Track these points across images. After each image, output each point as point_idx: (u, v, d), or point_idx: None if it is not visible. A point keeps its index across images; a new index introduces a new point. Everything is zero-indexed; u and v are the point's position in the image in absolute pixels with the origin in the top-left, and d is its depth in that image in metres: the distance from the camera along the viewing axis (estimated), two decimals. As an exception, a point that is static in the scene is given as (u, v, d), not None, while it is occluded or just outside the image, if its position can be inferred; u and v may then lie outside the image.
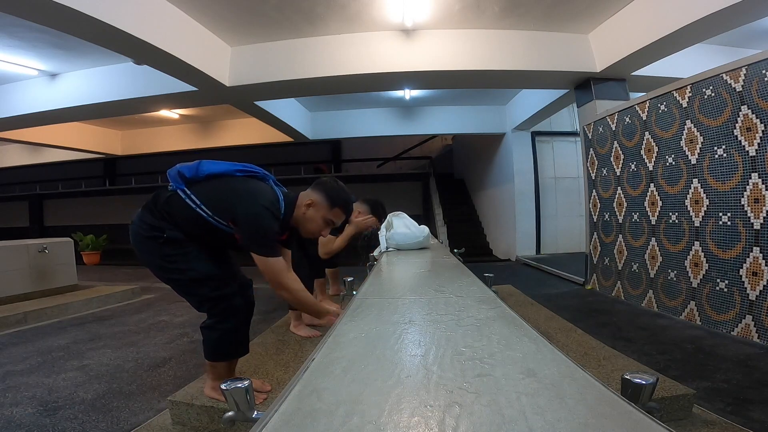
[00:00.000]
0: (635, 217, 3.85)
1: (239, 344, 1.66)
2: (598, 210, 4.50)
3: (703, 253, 3.05)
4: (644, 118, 3.64)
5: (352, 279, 2.05)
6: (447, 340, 0.81)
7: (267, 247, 1.45)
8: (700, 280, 3.08)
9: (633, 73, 4.40)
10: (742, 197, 2.73)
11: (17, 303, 4.14)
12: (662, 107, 3.41)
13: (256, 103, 5.45)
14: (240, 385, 0.81)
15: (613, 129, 4.12)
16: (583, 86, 4.69)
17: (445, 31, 4.33)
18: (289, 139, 7.92)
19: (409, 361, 0.71)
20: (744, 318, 2.71)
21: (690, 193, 3.16)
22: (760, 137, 2.59)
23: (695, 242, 3.12)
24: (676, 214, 3.31)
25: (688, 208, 3.18)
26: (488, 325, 0.91)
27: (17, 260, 4.36)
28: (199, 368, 2.39)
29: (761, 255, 2.60)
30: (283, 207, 1.56)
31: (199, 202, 1.50)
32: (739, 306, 2.76)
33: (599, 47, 4.32)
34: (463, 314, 1.01)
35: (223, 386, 0.82)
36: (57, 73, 5.09)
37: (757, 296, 2.63)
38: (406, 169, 12.18)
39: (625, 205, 3.99)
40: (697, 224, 3.11)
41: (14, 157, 9.97)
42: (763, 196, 2.59)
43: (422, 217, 10.49)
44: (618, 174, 4.09)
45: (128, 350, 2.89)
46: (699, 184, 3.08)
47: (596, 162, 4.50)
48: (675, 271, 3.33)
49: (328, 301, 2.97)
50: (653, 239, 3.60)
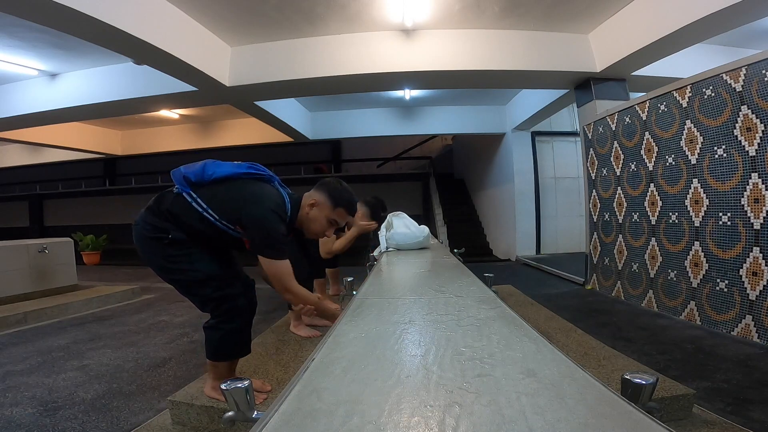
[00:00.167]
0: (635, 217, 3.84)
1: (242, 344, 1.66)
2: (598, 210, 4.50)
3: (703, 253, 3.05)
4: (644, 118, 3.64)
5: (352, 279, 2.06)
6: (447, 340, 0.81)
7: (275, 250, 1.45)
8: (700, 280, 3.07)
9: (633, 73, 4.40)
10: (742, 197, 2.73)
11: (17, 303, 4.14)
12: (662, 107, 3.41)
13: (256, 103, 5.45)
14: (240, 385, 0.81)
15: (613, 129, 4.12)
16: (583, 86, 4.69)
17: (445, 31, 4.33)
18: (289, 139, 7.92)
19: (409, 361, 0.71)
20: (744, 318, 2.71)
21: (690, 193, 3.16)
22: (760, 137, 2.59)
23: (695, 242, 3.12)
24: (676, 214, 3.31)
25: (688, 208, 3.18)
26: (488, 325, 0.91)
27: (17, 260, 4.36)
28: (199, 368, 2.39)
29: (761, 255, 2.60)
30: (289, 209, 1.56)
31: (205, 205, 1.50)
32: (739, 306, 2.76)
33: (599, 47, 4.32)
34: (463, 314, 1.01)
35: (223, 386, 0.82)
36: (57, 73, 5.09)
37: (757, 296, 2.63)
38: (406, 169, 12.18)
39: (625, 205, 3.99)
40: (697, 224, 3.11)
41: (14, 157, 9.98)
42: (763, 196, 2.59)
43: (422, 217, 10.49)
44: (618, 174, 4.09)
45: (128, 350, 2.89)
46: (699, 184, 3.08)
47: (596, 162, 4.50)
48: (675, 271, 3.33)
49: (329, 301, 2.98)
50: (653, 239, 3.60)
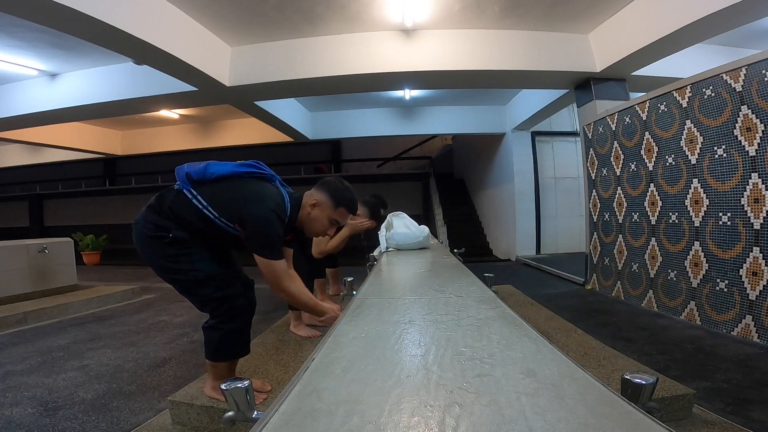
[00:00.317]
0: (635, 217, 3.84)
1: (241, 344, 1.66)
2: (598, 210, 4.50)
3: (703, 253, 3.05)
4: (644, 118, 3.64)
5: (352, 279, 2.06)
6: (447, 340, 0.81)
7: (271, 249, 1.45)
8: (700, 280, 3.07)
9: (633, 73, 4.40)
10: (742, 197, 2.72)
11: (17, 303, 4.14)
12: (662, 107, 3.41)
13: (256, 103, 5.45)
14: (240, 385, 0.81)
15: (613, 129, 4.12)
16: (583, 86, 4.69)
17: (445, 31, 4.33)
18: (289, 139, 7.92)
19: (409, 361, 0.71)
20: (744, 318, 2.71)
21: (690, 193, 3.16)
22: (760, 137, 2.59)
23: (695, 242, 3.12)
24: (676, 214, 3.31)
25: (688, 208, 3.18)
26: (488, 325, 0.91)
27: (17, 260, 4.36)
28: (199, 368, 2.39)
29: (761, 255, 2.60)
30: (289, 208, 1.56)
31: (205, 203, 1.50)
32: (739, 306, 2.76)
33: (599, 47, 4.32)
34: (463, 314, 1.01)
35: (223, 386, 0.82)
36: (57, 73, 5.08)
37: (757, 296, 2.63)
38: (406, 169, 12.17)
39: (625, 205, 3.99)
40: (697, 224, 3.10)
41: (14, 157, 9.97)
42: (763, 196, 2.59)
43: (422, 217, 10.49)
44: (618, 174, 4.09)
45: (128, 350, 2.89)
46: (699, 184, 3.08)
47: (596, 162, 4.50)
48: (675, 271, 3.33)
49: (328, 301, 2.98)
50: (653, 239, 3.60)
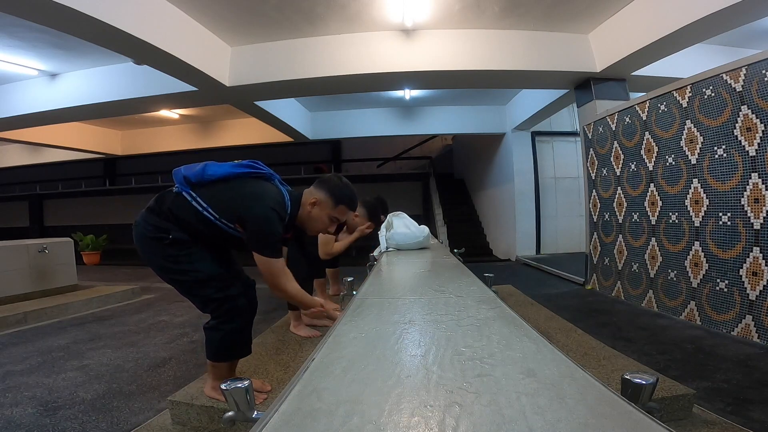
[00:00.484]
0: (635, 217, 3.84)
1: (242, 345, 1.66)
2: (598, 210, 4.50)
3: (703, 253, 3.05)
4: (644, 118, 3.64)
5: (352, 279, 2.06)
6: (447, 340, 0.81)
7: (270, 248, 1.46)
8: (700, 280, 3.07)
9: (633, 73, 4.40)
10: (742, 197, 2.72)
11: (17, 303, 4.14)
12: (662, 107, 3.41)
13: (256, 103, 5.45)
14: (240, 385, 0.81)
15: (613, 129, 4.12)
16: (583, 86, 4.69)
17: (445, 31, 4.33)
18: (289, 139, 7.92)
19: (409, 361, 0.71)
20: (744, 318, 2.71)
21: (690, 193, 3.16)
22: (760, 137, 2.59)
23: (695, 242, 3.12)
24: (676, 214, 3.31)
25: (688, 208, 3.18)
26: (488, 325, 0.91)
27: (17, 260, 4.36)
28: (199, 368, 2.39)
29: (761, 255, 2.60)
30: (289, 206, 1.56)
31: (205, 205, 1.50)
32: (739, 306, 2.76)
33: (599, 47, 4.32)
34: (463, 314, 1.01)
35: (223, 386, 0.82)
36: (57, 73, 5.08)
37: (757, 296, 2.63)
38: (406, 169, 12.17)
39: (625, 205, 3.99)
40: (697, 224, 3.10)
41: (14, 157, 9.97)
42: (763, 196, 2.59)
43: (422, 217, 10.49)
44: (618, 174, 4.09)
45: (128, 350, 2.89)
46: (699, 184, 3.08)
47: (596, 162, 4.49)
48: (675, 271, 3.33)
49: (328, 301, 2.97)
50: (653, 239, 3.60)
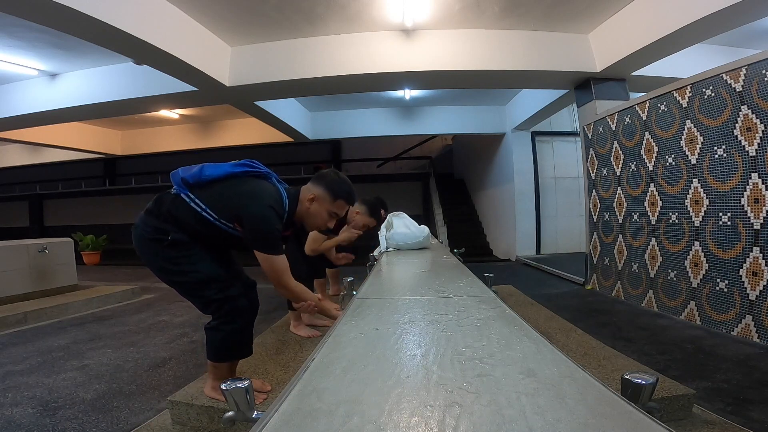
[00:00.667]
0: (635, 217, 3.84)
1: (243, 345, 1.67)
2: (598, 210, 4.50)
3: (703, 253, 3.05)
4: (644, 118, 3.64)
5: (352, 279, 2.06)
6: (447, 340, 0.81)
7: (270, 245, 1.46)
8: (700, 280, 3.07)
9: (633, 73, 4.40)
10: (742, 197, 2.72)
11: (17, 303, 4.14)
12: (662, 107, 3.41)
13: (256, 103, 5.45)
14: (240, 385, 0.81)
15: (613, 129, 4.12)
16: (583, 86, 4.69)
17: (445, 31, 4.33)
18: (289, 139, 7.92)
19: (409, 361, 0.71)
20: (744, 318, 2.71)
21: (690, 193, 3.16)
22: (760, 137, 2.59)
23: (695, 242, 3.12)
24: (676, 214, 3.31)
25: (688, 208, 3.18)
26: (488, 325, 0.91)
27: (17, 260, 4.36)
28: (199, 368, 2.39)
29: (761, 255, 2.60)
30: (287, 203, 1.57)
31: (204, 205, 1.50)
32: (739, 306, 2.76)
33: (599, 47, 4.32)
34: (463, 314, 1.01)
35: (223, 386, 0.82)
36: (57, 73, 5.08)
37: (757, 296, 2.63)
38: (406, 169, 12.17)
39: (625, 205, 3.99)
40: (697, 224, 3.10)
41: (14, 157, 9.97)
42: (763, 196, 2.59)
43: (422, 217, 10.49)
44: (618, 174, 4.09)
45: (128, 350, 2.89)
46: (699, 184, 3.08)
47: (596, 162, 4.49)
48: (675, 271, 3.33)
49: (328, 301, 2.97)
50: (653, 239, 3.60)
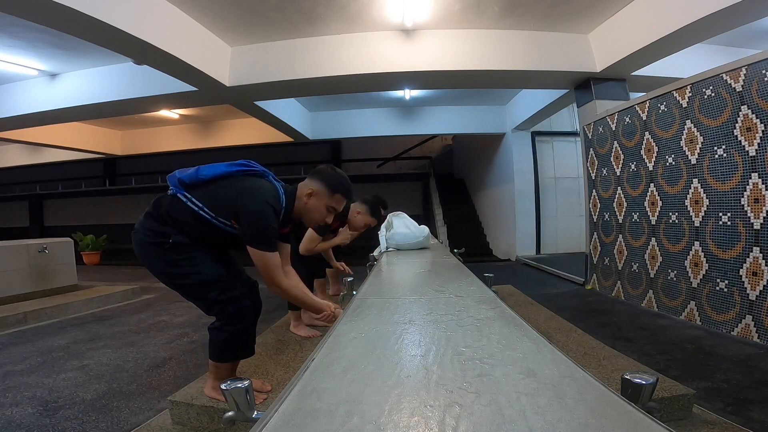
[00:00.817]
0: (635, 217, 3.84)
1: (246, 346, 1.67)
2: (598, 210, 4.50)
3: (703, 253, 3.05)
4: (644, 118, 3.64)
5: (352, 279, 2.06)
6: (447, 340, 0.81)
7: (265, 242, 1.46)
8: (700, 280, 3.07)
9: (633, 73, 4.40)
10: (742, 197, 2.72)
11: (17, 303, 4.14)
12: (662, 107, 3.41)
13: (256, 103, 5.45)
14: (240, 385, 0.81)
15: (613, 129, 4.12)
16: (583, 86, 4.69)
17: (445, 31, 4.33)
18: (289, 139, 7.92)
19: (409, 361, 0.71)
20: (744, 318, 2.71)
21: (690, 193, 3.16)
22: (760, 137, 2.59)
23: (695, 242, 3.12)
24: (676, 214, 3.31)
25: (688, 208, 3.18)
26: (488, 325, 0.91)
27: (17, 260, 4.36)
28: (199, 368, 2.39)
29: (761, 255, 2.60)
30: (284, 200, 1.57)
31: (201, 205, 1.50)
32: (739, 306, 2.75)
33: (599, 47, 4.32)
34: (463, 314, 1.01)
35: (223, 386, 0.82)
36: (57, 73, 5.08)
37: (757, 296, 2.63)
38: (406, 169, 12.17)
39: (625, 205, 3.99)
40: (697, 224, 3.10)
41: (14, 157, 9.97)
42: (763, 196, 2.59)
43: (422, 217, 10.49)
44: (618, 174, 4.09)
45: (128, 350, 2.89)
46: (699, 184, 3.08)
47: (596, 162, 4.49)
48: (675, 271, 3.33)
49: (328, 300, 2.97)
50: (653, 239, 3.60)
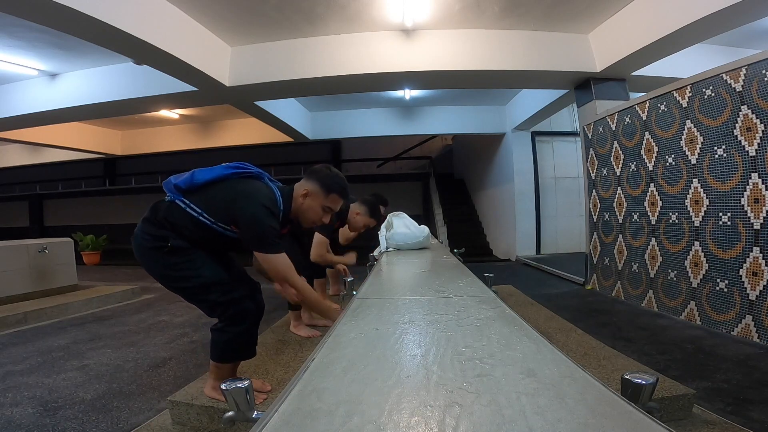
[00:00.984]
0: (635, 217, 3.84)
1: (248, 347, 1.67)
2: (598, 210, 4.50)
3: (703, 253, 3.05)
4: (644, 118, 3.64)
5: (352, 279, 2.07)
6: (447, 340, 0.81)
7: (268, 244, 1.46)
8: (700, 280, 3.07)
9: (633, 73, 4.40)
10: (742, 197, 2.72)
11: (17, 303, 4.14)
12: (662, 107, 3.41)
13: (256, 103, 5.45)
14: (240, 385, 0.81)
15: (613, 129, 4.12)
16: (583, 86, 4.69)
17: (445, 31, 4.33)
18: (289, 139, 7.92)
19: (409, 361, 0.71)
20: (744, 318, 2.71)
21: (690, 193, 3.16)
22: (760, 137, 2.59)
23: (695, 242, 3.12)
24: (676, 214, 3.31)
25: (688, 208, 3.18)
26: (488, 325, 0.91)
27: (17, 260, 4.36)
28: (199, 368, 2.39)
29: (761, 255, 2.60)
30: (281, 202, 1.57)
31: (199, 210, 1.50)
32: (739, 306, 2.75)
33: (599, 47, 4.32)
34: (463, 314, 1.01)
35: (223, 386, 0.82)
36: (57, 73, 5.08)
37: (757, 296, 2.63)
38: (406, 169, 12.17)
39: (625, 205, 3.99)
40: (697, 224, 3.10)
41: (14, 157, 9.97)
42: (763, 196, 2.59)
43: (422, 217, 10.49)
44: (618, 174, 4.09)
45: (128, 350, 2.89)
46: (699, 184, 3.08)
47: (596, 162, 4.49)
48: (675, 271, 3.33)
49: (329, 301, 2.98)
50: (653, 239, 3.60)
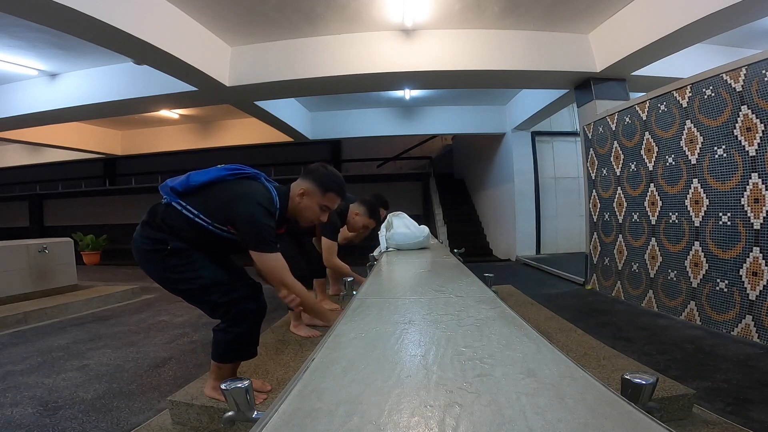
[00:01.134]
0: (635, 217, 3.84)
1: (250, 347, 1.67)
2: (598, 210, 4.50)
3: (703, 253, 3.05)
4: (644, 118, 3.64)
5: (352, 279, 2.07)
6: (447, 340, 0.81)
7: (264, 243, 1.46)
8: (700, 280, 3.07)
9: (633, 73, 4.40)
10: (742, 197, 2.72)
11: (17, 303, 4.14)
12: (662, 107, 3.41)
13: (256, 103, 5.45)
14: (240, 385, 0.81)
15: (613, 129, 4.12)
16: (583, 86, 4.69)
17: (445, 31, 4.33)
18: (289, 139, 7.92)
19: (409, 361, 0.71)
20: (744, 318, 2.71)
21: (690, 193, 3.16)
22: (760, 137, 2.59)
23: (695, 242, 3.12)
24: (676, 214, 3.31)
25: (688, 208, 3.18)
26: (488, 325, 0.91)
27: (17, 260, 4.36)
28: (199, 368, 2.39)
29: (761, 255, 2.60)
30: (278, 201, 1.57)
31: (196, 212, 1.50)
32: (739, 306, 2.75)
33: (599, 47, 4.32)
34: (463, 314, 1.01)
35: (223, 386, 0.82)
36: (57, 73, 5.08)
37: (757, 296, 2.63)
38: (406, 169, 12.17)
39: (625, 205, 3.99)
40: (697, 224, 3.10)
41: (14, 157, 9.97)
42: (763, 196, 2.59)
43: (422, 217, 10.48)
44: (618, 174, 4.09)
45: (128, 350, 2.89)
46: (699, 184, 3.08)
47: (596, 162, 4.49)
48: (675, 271, 3.33)
49: (328, 301, 2.98)
50: (653, 239, 3.60)
